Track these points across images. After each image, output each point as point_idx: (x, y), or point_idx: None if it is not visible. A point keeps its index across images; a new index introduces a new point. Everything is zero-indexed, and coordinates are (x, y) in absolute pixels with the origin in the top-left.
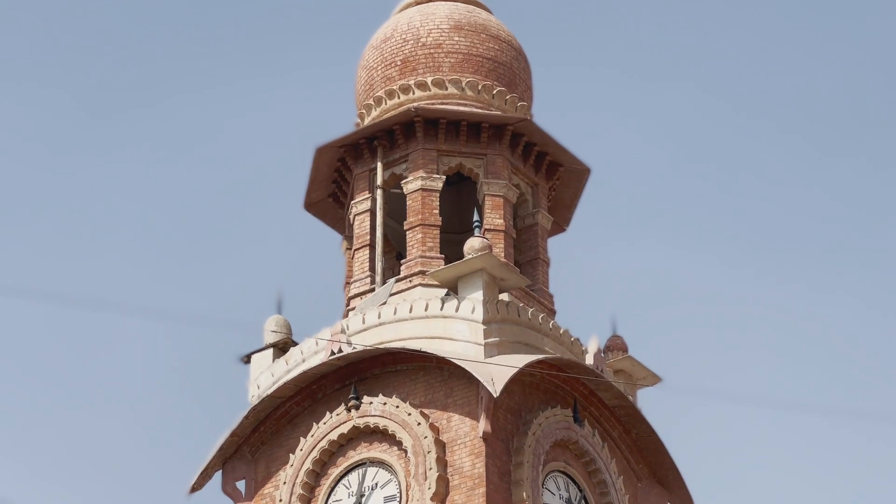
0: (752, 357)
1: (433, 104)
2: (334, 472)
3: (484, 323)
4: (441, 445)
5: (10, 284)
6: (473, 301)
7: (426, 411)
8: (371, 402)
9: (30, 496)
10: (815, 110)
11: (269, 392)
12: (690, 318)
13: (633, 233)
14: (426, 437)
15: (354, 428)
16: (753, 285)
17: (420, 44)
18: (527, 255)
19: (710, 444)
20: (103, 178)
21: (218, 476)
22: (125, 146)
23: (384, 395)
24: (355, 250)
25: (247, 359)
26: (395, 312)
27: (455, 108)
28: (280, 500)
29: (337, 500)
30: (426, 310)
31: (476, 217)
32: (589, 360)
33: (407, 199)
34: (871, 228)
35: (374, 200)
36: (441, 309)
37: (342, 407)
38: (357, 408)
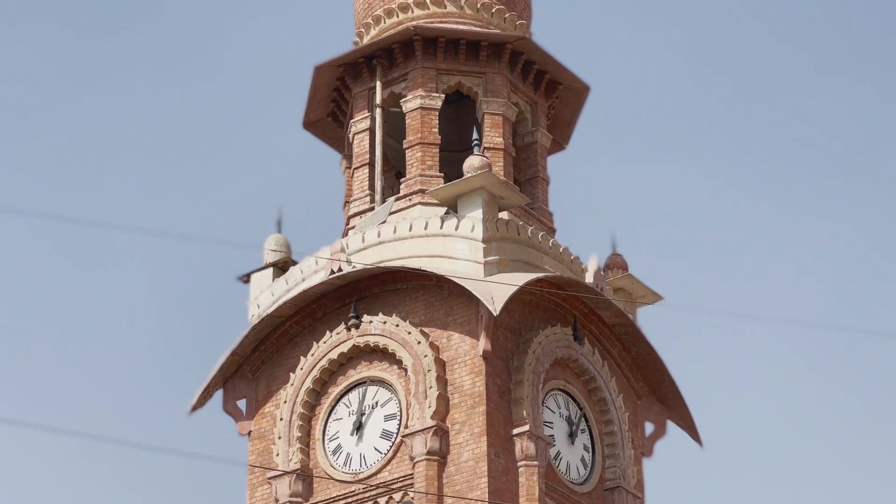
0: (752, 275)
1: (432, 23)
2: (334, 391)
3: (483, 241)
4: (441, 364)
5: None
6: (473, 219)
7: (426, 330)
8: (371, 321)
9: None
10: (819, 29)
11: (269, 311)
12: (690, 237)
13: (633, 151)
14: (426, 355)
15: (354, 347)
16: (753, 204)
17: None
18: (526, 173)
19: (709, 362)
20: (102, 99)
21: (219, 395)
22: (124, 67)
23: (384, 314)
24: (354, 169)
25: (246, 278)
26: (394, 231)
27: (454, 26)
28: (281, 419)
29: (337, 419)
30: (426, 228)
31: (475, 136)
32: (589, 278)
33: (406, 117)
34: (871, 149)
35: (373, 119)
36: (441, 227)
37: (342, 326)
38: (357, 327)
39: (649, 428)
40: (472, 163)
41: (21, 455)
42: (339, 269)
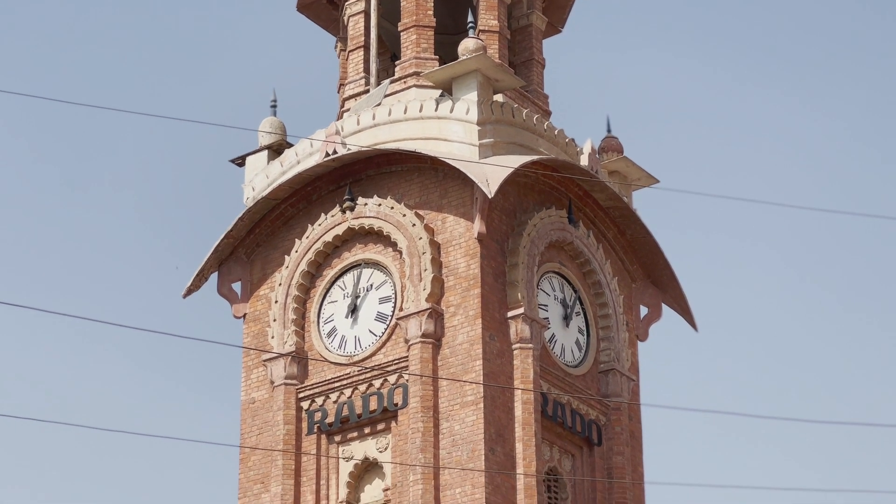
0: (746, 159)
1: None
2: (329, 273)
3: (478, 124)
4: (436, 246)
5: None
6: (468, 102)
7: (421, 212)
8: (366, 204)
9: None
10: None
11: (264, 194)
12: (686, 120)
13: (628, 35)
14: (421, 238)
15: (349, 229)
16: (748, 88)
17: None
18: (521, 56)
19: (704, 245)
20: None
21: (213, 278)
22: None
23: (379, 197)
24: (349, 52)
25: (240, 161)
26: (389, 113)
27: None
28: (276, 302)
29: (332, 301)
30: (421, 111)
31: (470, 18)
32: (584, 161)
33: (401, 0)
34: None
35: (367, 1)
36: (436, 110)
37: (337, 208)
38: (352, 209)
39: (644, 311)
40: (466, 45)
41: (17, 337)
42: (334, 152)
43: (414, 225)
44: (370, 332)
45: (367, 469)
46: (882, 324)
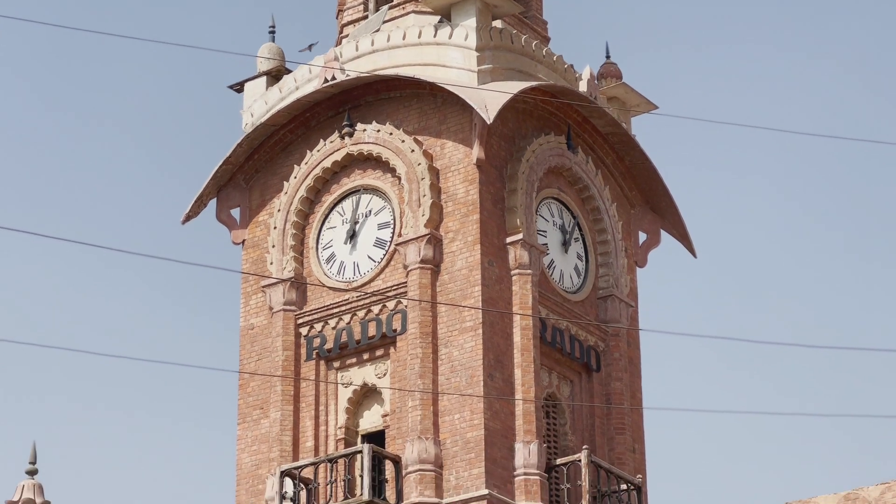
0: (745, 85)
1: None
2: (328, 199)
3: (477, 50)
4: (435, 172)
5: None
6: (466, 28)
7: (420, 138)
8: (365, 130)
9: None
10: None
11: (263, 120)
12: (685, 47)
13: None
14: (420, 164)
15: (348, 155)
16: (748, 14)
17: None
18: None
19: (703, 171)
20: None
21: (212, 205)
22: None
23: (377, 123)
24: None
25: (239, 87)
26: (388, 40)
27: None
28: (275, 227)
29: (331, 227)
30: (419, 37)
31: None
32: (583, 87)
33: None
34: None
35: None
36: (434, 36)
37: (336, 134)
38: (350, 135)
39: (642, 237)
40: None
41: (19, 263)
42: (333, 78)
43: (413, 151)
44: (369, 257)
45: (366, 395)
46: (879, 249)
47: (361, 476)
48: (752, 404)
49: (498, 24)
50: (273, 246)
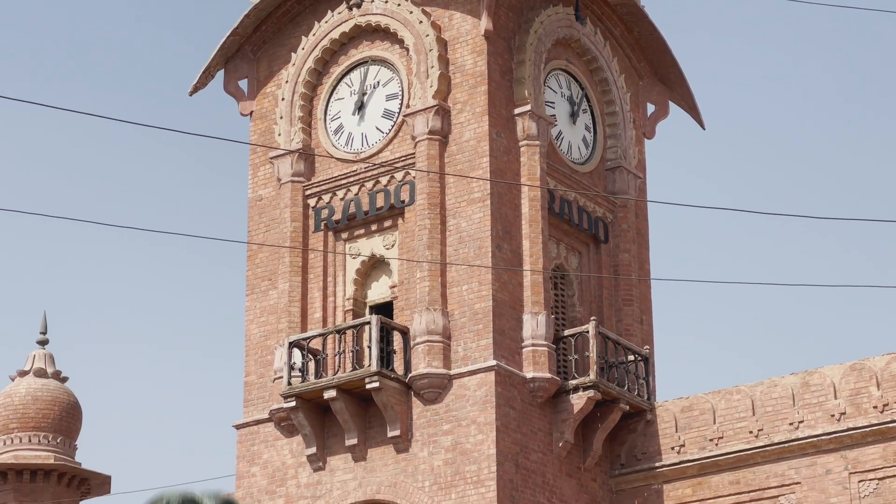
0: None
1: None
2: (336, 70)
3: None
4: (442, 43)
5: None
6: None
7: (428, 9)
8: (373, 1)
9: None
10: None
11: None
12: None
13: None
14: (428, 35)
15: (356, 26)
16: None
17: None
18: None
19: (711, 42)
20: None
21: (220, 76)
22: None
23: None
24: None
25: None
26: None
27: None
28: (282, 99)
29: (339, 99)
30: None
31: None
32: None
33: None
34: None
35: None
36: None
37: (343, 5)
38: (358, 6)
39: (651, 109)
40: None
41: (29, 134)
42: None
43: (421, 22)
44: (377, 129)
45: (374, 266)
46: (890, 121)
47: (369, 347)
48: (760, 275)
49: None
50: (281, 117)
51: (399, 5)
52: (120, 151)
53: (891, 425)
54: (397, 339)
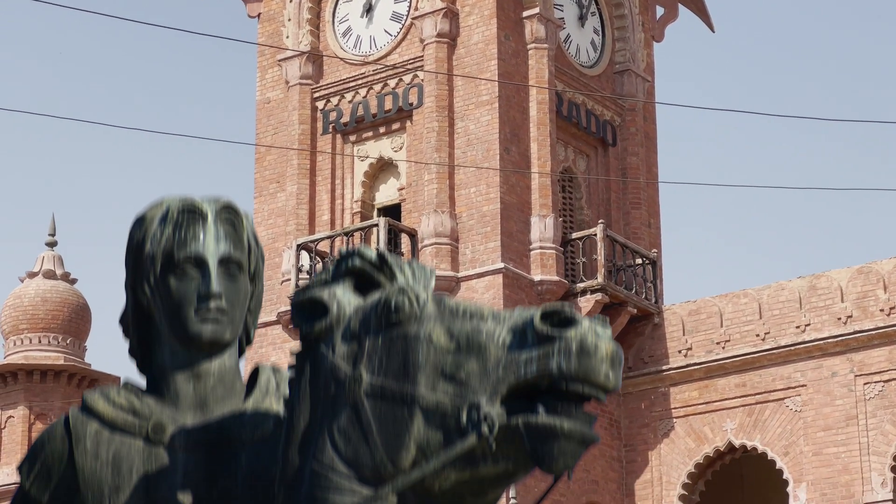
0: None
1: None
2: None
3: None
4: None
5: None
6: None
7: None
8: None
9: None
10: None
11: None
12: None
13: None
14: None
15: None
16: None
17: None
18: None
19: None
20: None
21: None
22: None
23: None
24: None
25: None
26: None
27: None
28: (290, 1)
29: (347, 1)
30: None
31: None
32: None
33: None
34: None
35: None
36: None
37: None
38: None
39: (660, 11)
40: None
41: (40, 35)
42: None
43: None
44: (385, 31)
45: (382, 168)
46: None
47: (377, 249)
48: (768, 178)
49: None
50: (289, 19)
51: None
52: (129, 52)
53: None
54: (405, 241)
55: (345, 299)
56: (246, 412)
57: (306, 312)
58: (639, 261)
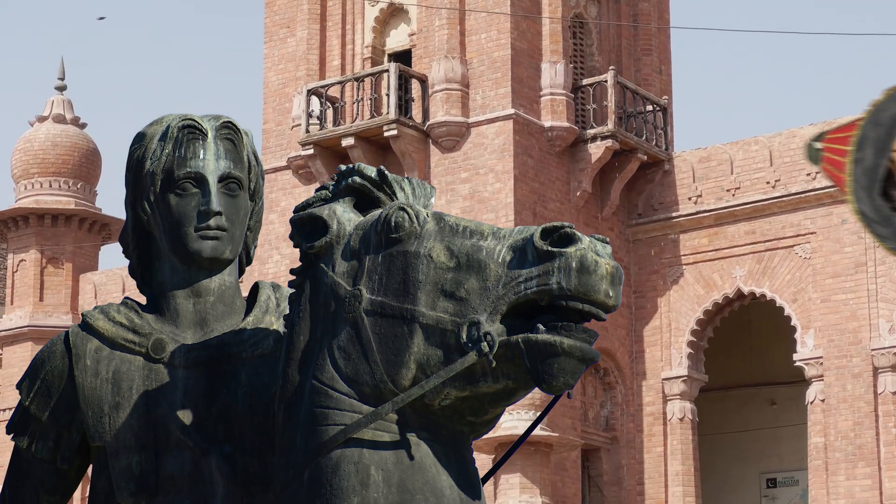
0: None
1: None
2: None
3: None
4: None
5: None
6: None
7: None
8: None
9: None
10: None
11: None
12: None
13: None
14: None
15: None
16: None
17: None
18: None
19: None
20: None
21: None
22: None
23: None
24: None
25: None
26: None
27: None
28: None
29: None
30: None
31: None
32: None
33: None
34: None
35: None
36: None
37: None
38: None
39: None
40: None
41: None
42: None
43: None
44: None
45: (393, 14)
46: None
47: (388, 95)
48: (780, 24)
49: None
50: None
51: None
52: None
53: None
54: (415, 87)
55: (345, 217)
56: (246, 329)
57: (306, 230)
58: (649, 107)
